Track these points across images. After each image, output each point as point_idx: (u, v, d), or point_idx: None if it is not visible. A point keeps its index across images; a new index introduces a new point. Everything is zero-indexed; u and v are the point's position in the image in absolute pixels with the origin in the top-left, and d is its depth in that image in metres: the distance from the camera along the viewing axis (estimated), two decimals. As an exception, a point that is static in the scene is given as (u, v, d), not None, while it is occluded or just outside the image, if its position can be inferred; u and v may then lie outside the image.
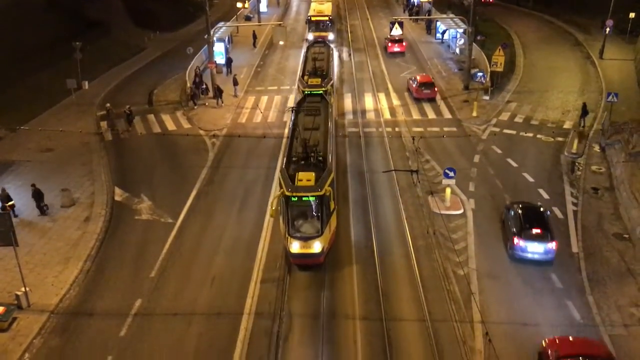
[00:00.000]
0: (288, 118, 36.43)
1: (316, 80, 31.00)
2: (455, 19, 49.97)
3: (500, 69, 39.29)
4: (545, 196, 26.54)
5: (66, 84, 38.86)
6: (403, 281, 20.86)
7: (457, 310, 19.26)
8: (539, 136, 32.87)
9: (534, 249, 21.37)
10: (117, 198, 27.42)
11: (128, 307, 19.88)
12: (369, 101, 38.96)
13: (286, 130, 34.41)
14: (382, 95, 39.86)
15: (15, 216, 24.70)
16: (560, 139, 32.44)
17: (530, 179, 28.07)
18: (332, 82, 33.00)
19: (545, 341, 17.12)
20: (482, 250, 22.56)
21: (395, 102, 38.69)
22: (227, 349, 17.94)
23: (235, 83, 40.52)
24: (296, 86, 36.74)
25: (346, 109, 37.73)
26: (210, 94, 39.59)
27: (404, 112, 36.76)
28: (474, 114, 35.83)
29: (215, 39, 42.93)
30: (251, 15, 66.21)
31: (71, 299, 20.48)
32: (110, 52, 52.92)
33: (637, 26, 48.56)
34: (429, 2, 64.14)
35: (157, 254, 22.84)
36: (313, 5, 59.03)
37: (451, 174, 25.07)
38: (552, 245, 21.36)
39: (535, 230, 21.44)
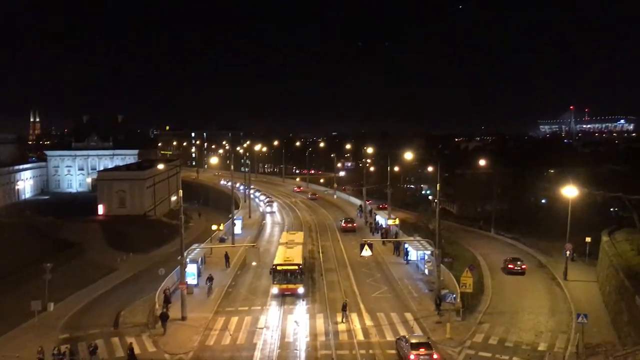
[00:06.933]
0: (258, 339, 35.37)
1: None
2: (422, 242, 52.11)
3: (469, 289, 39.89)
4: None
5: (30, 306, 37.90)
6: None
7: None
8: (514, 359, 32.08)
9: None
10: None
11: None
12: (340, 322, 38.30)
13: (255, 353, 33.06)
14: (354, 316, 39.39)
15: None
16: (536, 361, 31.71)
17: (512, 405, 26.68)
18: None
19: None
20: None
21: (368, 322, 38.16)
22: None
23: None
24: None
25: (318, 330, 36.94)
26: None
27: (377, 333, 36.07)
28: (448, 335, 35.31)
29: (188, 260, 43.48)
30: (225, 237, 68.06)
31: None
32: (80, 273, 52.83)
33: (594, 249, 51.24)
34: (396, 225, 67.57)
35: None
36: (280, 249, 50.13)
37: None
38: None
39: None
